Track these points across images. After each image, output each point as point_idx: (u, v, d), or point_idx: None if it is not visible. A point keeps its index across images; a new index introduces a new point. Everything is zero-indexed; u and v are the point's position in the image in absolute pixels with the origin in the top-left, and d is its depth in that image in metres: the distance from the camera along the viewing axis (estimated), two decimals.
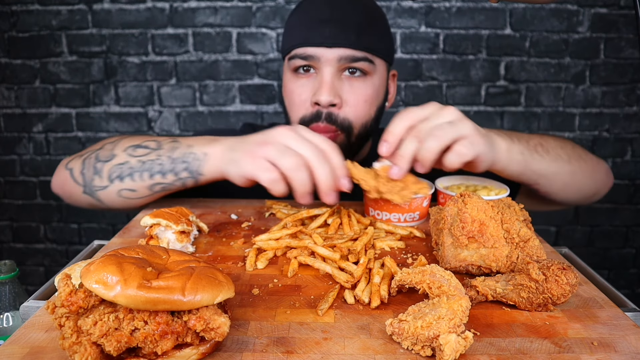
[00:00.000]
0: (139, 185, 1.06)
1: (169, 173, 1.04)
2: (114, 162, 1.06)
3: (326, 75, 1.19)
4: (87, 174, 1.08)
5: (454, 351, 0.57)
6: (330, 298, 0.73)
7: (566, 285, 0.69)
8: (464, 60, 2.39)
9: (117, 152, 1.08)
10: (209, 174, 1.03)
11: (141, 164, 1.05)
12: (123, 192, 1.07)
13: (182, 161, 1.03)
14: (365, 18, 1.22)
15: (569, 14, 2.33)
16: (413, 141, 0.92)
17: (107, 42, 2.36)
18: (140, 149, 1.07)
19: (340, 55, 1.18)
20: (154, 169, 1.04)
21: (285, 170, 0.92)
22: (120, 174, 1.05)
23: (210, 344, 0.59)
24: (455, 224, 0.80)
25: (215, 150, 1.02)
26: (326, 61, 1.19)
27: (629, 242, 2.61)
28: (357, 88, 1.22)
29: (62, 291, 0.55)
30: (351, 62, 1.19)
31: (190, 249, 0.91)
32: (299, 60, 1.22)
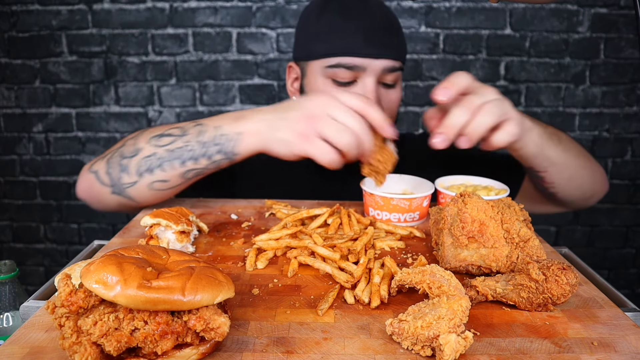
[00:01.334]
0: (170, 174, 1.03)
1: (202, 158, 1.01)
2: (140, 156, 1.03)
3: (370, 85, 1.23)
4: (114, 172, 1.06)
5: (454, 351, 0.57)
6: (330, 298, 0.73)
7: (566, 285, 0.69)
8: (464, 60, 2.39)
9: (141, 145, 1.05)
10: (245, 152, 1.01)
11: (169, 153, 1.02)
12: (155, 185, 1.04)
13: (214, 144, 1.00)
14: (395, 25, 1.28)
15: (569, 14, 2.33)
16: (465, 113, 0.90)
17: (107, 42, 2.36)
18: (165, 138, 1.03)
19: (384, 66, 1.22)
20: (184, 156, 1.01)
21: (343, 147, 0.92)
22: (149, 166, 1.03)
23: (210, 344, 0.59)
24: (455, 224, 0.80)
25: (249, 129, 0.99)
26: (371, 71, 1.22)
27: (629, 242, 2.60)
28: (389, 95, 1.29)
29: (62, 291, 0.55)
30: (389, 73, 1.25)
31: (190, 249, 0.91)
32: (343, 71, 1.22)
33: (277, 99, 2.43)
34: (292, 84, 1.41)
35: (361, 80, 1.23)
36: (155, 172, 1.03)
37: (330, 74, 1.24)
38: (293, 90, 1.41)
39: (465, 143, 0.92)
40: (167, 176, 1.03)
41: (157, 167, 1.02)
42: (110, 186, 1.07)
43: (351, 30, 1.22)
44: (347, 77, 1.23)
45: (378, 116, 0.96)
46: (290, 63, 1.39)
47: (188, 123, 1.06)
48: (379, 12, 1.27)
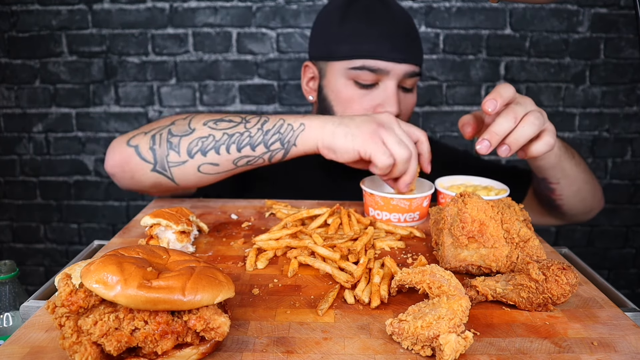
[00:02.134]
0: (223, 159, 1.03)
1: (260, 145, 1.02)
2: (194, 136, 1.02)
3: (391, 88, 1.26)
4: (160, 150, 1.03)
5: (454, 351, 0.57)
6: (330, 298, 0.73)
7: (566, 285, 0.69)
8: (464, 60, 2.39)
9: (196, 126, 1.03)
10: (303, 145, 1.03)
11: (228, 137, 1.01)
12: (203, 167, 1.03)
13: (276, 132, 1.02)
14: (415, 31, 1.32)
15: (569, 14, 2.33)
16: (510, 121, 0.93)
17: (107, 42, 2.36)
18: (224, 123, 1.03)
19: (406, 70, 1.26)
20: (242, 142, 1.01)
21: (398, 159, 1.00)
22: (203, 147, 1.02)
23: (210, 344, 0.59)
24: (455, 224, 0.80)
25: (313, 122, 1.03)
26: (394, 75, 1.25)
27: (629, 242, 2.60)
28: (407, 99, 1.33)
29: (62, 291, 0.55)
30: (409, 78, 1.28)
31: (190, 249, 0.91)
32: (367, 73, 1.25)
33: (277, 99, 2.43)
34: (307, 83, 1.42)
35: (383, 83, 1.26)
36: (209, 154, 1.02)
37: (353, 75, 1.26)
38: (308, 89, 1.42)
39: (505, 152, 0.95)
40: (220, 160, 1.03)
41: (211, 149, 1.02)
42: (153, 163, 1.04)
43: (376, 34, 1.25)
44: (369, 79, 1.25)
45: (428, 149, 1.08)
46: (307, 62, 1.40)
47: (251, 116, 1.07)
48: (401, 18, 1.30)
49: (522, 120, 0.93)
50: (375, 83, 1.27)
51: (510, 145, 0.94)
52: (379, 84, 1.27)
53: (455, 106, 2.45)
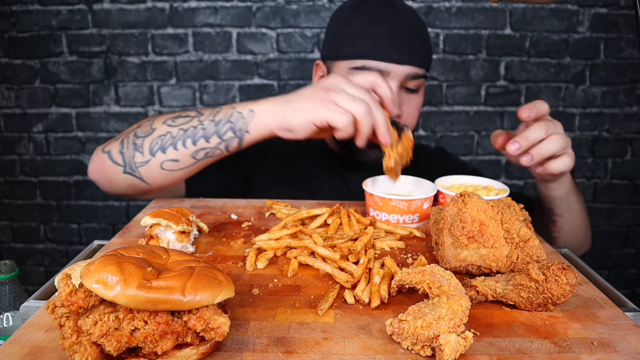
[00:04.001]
0: (182, 154, 1.05)
1: (213, 136, 1.03)
2: (154, 135, 1.05)
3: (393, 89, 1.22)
4: (127, 152, 1.07)
5: (454, 351, 0.57)
6: (330, 298, 0.73)
7: (566, 285, 0.69)
8: (464, 60, 2.39)
9: (157, 125, 1.07)
10: (256, 131, 1.03)
11: (183, 132, 1.04)
12: (165, 164, 1.06)
13: (227, 121, 1.03)
14: (423, 34, 1.31)
15: (569, 14, 2.33)
16: (541, 131, 0.99)
17: (107, 42, 2.36)
18: (181, 119, 1.06)
19: (408, 72, 1.26)
20: (197, 135, 1.03)
21: (357, 114, 0.98)
22: (162, 145, 1.04)
23: (210, 344, 0.59)
24: (455, 224, 0.80)
25: (263, 107, 1.03)
26: (395, 76, 1.25)
27: (629, 242, 2.60)
28: (412, 101, 1.33)
29: (62, 291, 0.55)
30: (412, 80, 1.28)
31: (190, 249, 0.91)
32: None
33: None
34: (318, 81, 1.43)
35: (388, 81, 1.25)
36: (168, 151, 1.04)
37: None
38: None
39: (528, 161, 1.00)
40: (179, 155, 1.05)
41: (169, 145, 1.04)
42: (123, 165, 1.08)
43: (378, 34, 1.25)
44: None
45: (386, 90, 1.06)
46: (318, 61, 1.42)
47: (207, 108, 1.08)
48: (408, 19, 1.29)
49: (549, 136, 1.00)
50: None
51: (533, 156, 0.99)
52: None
53: (455, 106, 2.45)
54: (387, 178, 1.15)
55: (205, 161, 1.08)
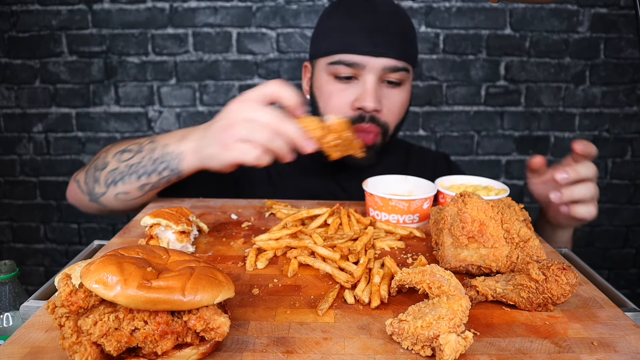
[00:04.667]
0: (130, 187, 1.11)
1: (153, 173, 1.09)
2: (107, 169, 1.13)
3: (370, 82, 1.24)
4: (90, 183, 1.16)
5: (454, 351, 0.57)
6: (330, 298, 0.73)
7: (566, 285, 0.69)
8: (464, 60, 2.39)
9: (109, 159, 1.14)
10: (187, 169, 1.07)
11: (128, 168, 1.11)
12: (119, 196, 1.13)
13: (162, 161, 1.08)
14: (404, 27, 1.29)
15: (569, 14, 2.33)
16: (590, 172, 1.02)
17: (107, 42, 2.36)
18: (126, 154, 1.13)
19: (384, 65, 1.24)
20: (139, 172, 1.10)
21: (263, 142, 0.95)
22: (114, 179, 1.12)
23: (210, 344, 0.59)
24: (455, 224, 0.80)
25: (188, 148, 1.05)
26: (371, 69, 1.24)
27: (629, 242, 2.60)
28: (394, 95, 1.29)
29: (62, 291, 0.55)
30: (392, 72, 1.25)
31: (190, 249, 0.91)
32: (343, 67, 1.25)
33: None
34: (307, 82, 1.44)
35: (362, 77, 1.25)
36: (118, 184, 1.12)
37: (332, 70, 1.26)
38: (307, 88, 1.44)
39: (557, 198, 1.01)
40: (127, 189, 1.12)
41: (119, 180, 1.12)
42: (88, 195, 1.17)
43: (354, 28, 1.24)
44: (347, 73, 1.25)
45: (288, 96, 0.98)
46: (305, 63, 1.43)
47: (146, 139, 1.13)
48: (387, 13, 1.27)
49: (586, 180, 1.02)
50: (354, 77, 1.26)
51: (564, 195, 1.01)
52: (358, 78, 1.26)
53: (455, 106, 2.45)
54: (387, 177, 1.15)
55: (153, 192, 1.14)
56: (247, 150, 0.96)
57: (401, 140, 1.61)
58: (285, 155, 0.98)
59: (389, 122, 1.31)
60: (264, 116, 0.95)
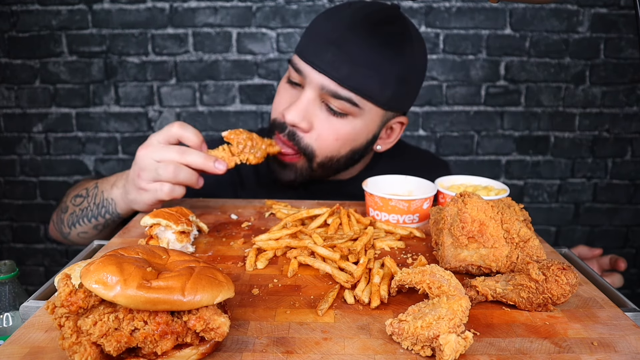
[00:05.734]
0: (86, 228, 1.22)
1: (99, 216, 1.19)
2: (67, 213, 1.25)
3: (305, 96, 1.15)
4: (58, 223, 1.28)
5: (454, 351, 0.57)
6: (330, 298, 0.73)
7: (566, 285, 0.69)
8: (464, 60, 2.39)
9: (68, 203, 1.26)
10: (122, 212, 1.16)
11: (81, 212, 1.21)
12: (80, 235, 1.24)
13: (102, 206, 1.18)
14: (374, 58, 1.12)
15: (569, 14, 2.33)
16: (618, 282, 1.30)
17: (107, 42, 2.36)
18: (78, 199, 1.24)
19: (323, 83, 1.13)
20: (88, 215, 1.20)
21: (169, 177, 1.01)
22: (72, 221, 1.23)
23: (210, 344, 0.59)
24: (455, 224, 0.80)
25: (116, 195, 1.15)
26: (310, 82, 1.15)
27: (629, 242, 2.60)
28: (332, 122, 1.17)
29: (62, 291, 0.55)
30: (332, 97, 1.13)
31: (190, 249, 0.91)
32: (293, 71, 1.19)
33: None
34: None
35: (305, 89, 1.16)
36: (76, 225, 1.23)
37: (289, 70, 1.21)
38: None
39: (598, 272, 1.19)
40: (85, 229, 1.22)
41: (76, 222, 1.22)
42: (59, 233, 1.28)
43: (319, 36, 1.15)
44: (296, 78, 1.19)
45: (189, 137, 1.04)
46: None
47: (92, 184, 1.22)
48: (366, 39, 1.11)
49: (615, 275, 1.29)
50: (301, 85, 1.18)
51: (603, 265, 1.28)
52: (304, 87, 1.17)
53: (455, 106, 2.45)
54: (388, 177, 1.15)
55: (108, 229, 1.22)
56: (159, 187, 1.03)
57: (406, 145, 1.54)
58: (195, 182, 1.05)
59: (316, 149, 1.19)
60: (167, 154, 1.01)
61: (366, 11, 1.16)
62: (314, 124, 1.17)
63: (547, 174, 2.53)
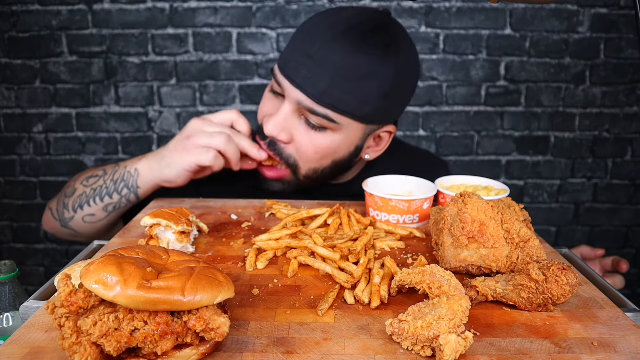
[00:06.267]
0: (95, 209, 1.20)
1: (114, 193, 1.18)
2: (75, 195, 1.23)
3: (283, 109, 1.14)
4: (60, 209, 1.26)
5: (454, 351, 0.57)
6: (330, 298, 0.73)
7: (566, 285, 0.69)
8: (464, 60, 2.39)
9: (77, 185, 1.24)
10: (144, 185, 1.17)
11: (93, 191, 1.21)
12: (86, 218, 1.22)
13: (121, 180, 1.18)
14: (354, 73, 1.08)
15: (569, 14, 2.33)
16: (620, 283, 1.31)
17: (107, 42, 2.36)
18: (92, 179, 1.23)
19: (299, 99, 1.11)
20: (102, 193, 1.19)
21: (218, 146, 1.10)
22: (80, 203, 1.21)
23: (210, 344, 0.59)
24: (455, 224, 0.80)
25: (143, 165, 1.16)
26: (288, 96, 1.13)
27: (629, 242, 2.60)
28: (311, 136, 1.15)
29: (62, 291, 0.55)
30: (308, 113, 1.12)
31: (190, 249, 0.91)
32: (274, 82, 1.17)
33: None
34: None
35: (284, 101, 1.15)
36: (84, 207, 1.21)
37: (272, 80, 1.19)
38: None
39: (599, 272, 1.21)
40: (93, 211, 1.21)
41: (85, 203, 1.21)
42: (59, 220, 1.26)
43: (300, 48, 1.12)
44: (277, 89, 1.17)
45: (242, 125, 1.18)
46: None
47: (112, 165, 1.23)
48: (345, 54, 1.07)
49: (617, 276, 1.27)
50: (282, 95, 1.16)
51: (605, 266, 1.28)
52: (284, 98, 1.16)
53: (455, 106, 2.45)
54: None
55: (117, 212, 1.22)
56: (205, 151, 1.09)
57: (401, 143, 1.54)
58: (236, 162, 1.14)
59: (297, 160, 1.18)
60: (220, 129, 1.11)
61: (352, 22, 1.10)
62: (294, 136, 1.16)
63: (547, 174, 2.54)
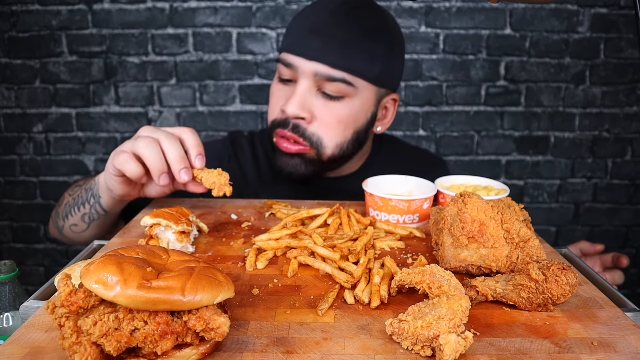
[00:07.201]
0: (75, 218, 1.20)
1: (85, 202, 1.17)
2: (63, 205, 1.24)
3: (300, 87, 1.19)
4: (55, 218, 1.27)
5: (454, 351, 0.57)
6: (330, 298, 0.73)
7: (566, 285, 0.69)
8: (464, 60, 2.39)
9: (65, 195, 1.26)
10: (103, 194, 1.11)
11: (74, 201, 1.20)
12: (72, 228, 1.22)
13: (90, 189, 1.15)
14: (358, 37, 1.18)
15: (569, 14, 2.33)
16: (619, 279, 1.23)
17: (107, 42, 2.36)
18: (76, 188, 1.23)
19: (316, 70, 1.17)
20: (78, 203, 1.19)
21: (135, 149, 0.96)
22: (66, 212, 1.22)
23: (210, 344, 0.59)
24: (455, 224, 0.80)
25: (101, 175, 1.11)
26: (302, 73, 1.18)
27: (629, 242, 2.60)
28: (331, 107, 1.20)
29: (62, 291, 0.55)
30: (327, 81, 1.17)
31: (190, 249, 0.91)
32: (283, 67, 1.22)
33: None
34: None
35: (298, 81, 1.20)
36: (69, 217, 1.21)
37: (278, 69, 1.25)
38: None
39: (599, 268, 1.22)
40: (75, 221, 1.20)
41: (69, 212, 1.21)
42: (57, 228, 1.27)
43: (300, 29, 1.20)
44: (286, 74, 1.22)
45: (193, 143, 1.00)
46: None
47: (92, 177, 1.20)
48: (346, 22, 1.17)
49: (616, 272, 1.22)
50: (293, 80, 1.22)
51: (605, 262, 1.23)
52: (296, 81, 1.21)
53: (455, 106, 2.45)
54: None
55: (96, 224, 1.19)
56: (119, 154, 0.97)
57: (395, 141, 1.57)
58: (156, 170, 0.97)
59: (322, 137, 1.22)
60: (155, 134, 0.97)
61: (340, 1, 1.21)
62: (314, 112, 1.20)
63: (547, 174, 2.54)
